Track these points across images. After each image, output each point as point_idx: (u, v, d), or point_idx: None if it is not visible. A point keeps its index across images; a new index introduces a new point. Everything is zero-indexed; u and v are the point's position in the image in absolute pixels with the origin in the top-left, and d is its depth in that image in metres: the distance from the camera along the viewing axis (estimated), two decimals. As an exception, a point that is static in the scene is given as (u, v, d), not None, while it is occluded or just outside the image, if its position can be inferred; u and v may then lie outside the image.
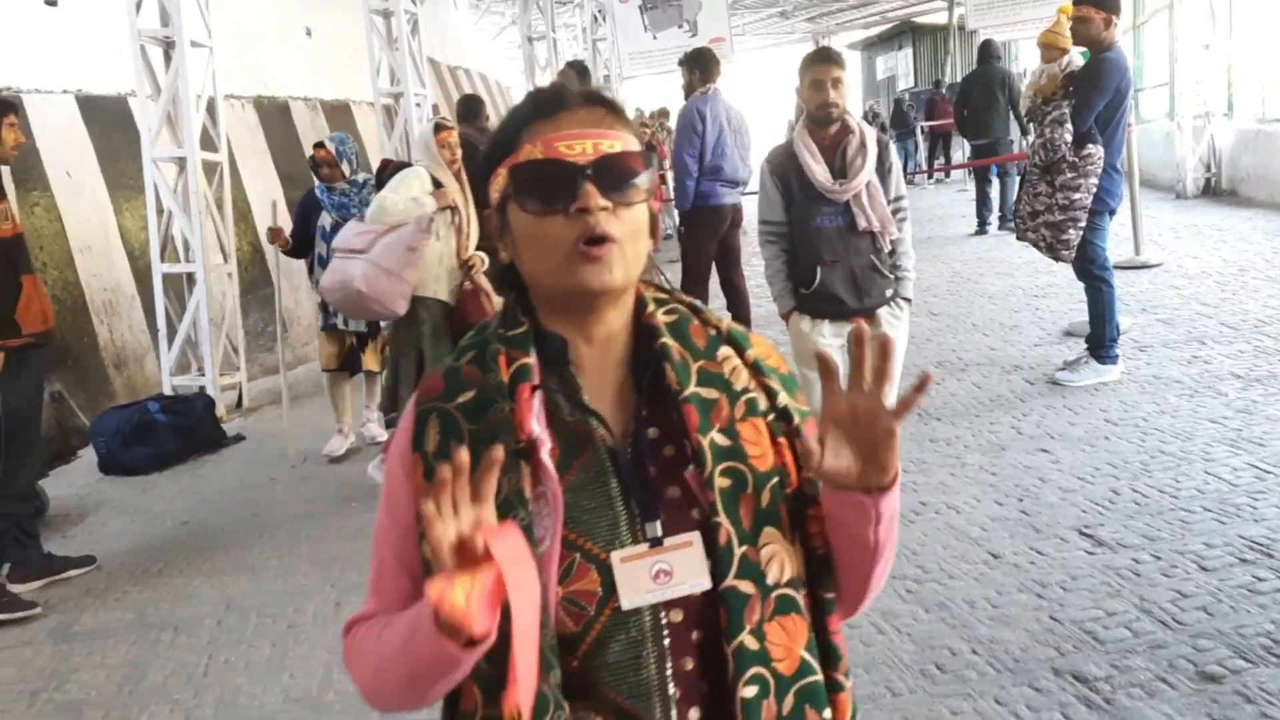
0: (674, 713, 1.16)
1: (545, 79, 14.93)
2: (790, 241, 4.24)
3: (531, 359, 1.20)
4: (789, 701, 1.18)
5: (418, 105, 9.66)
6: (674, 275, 7.32)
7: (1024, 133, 11.83)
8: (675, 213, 12.24)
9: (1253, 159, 11.70)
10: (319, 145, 6.22)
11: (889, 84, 28.13)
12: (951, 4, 23.42)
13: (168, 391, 7.24)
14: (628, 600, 1.12)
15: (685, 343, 1.24)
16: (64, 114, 7.93)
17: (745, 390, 1.24)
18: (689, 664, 1.17)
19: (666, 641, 1.16)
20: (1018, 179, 8.91)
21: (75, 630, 4.23)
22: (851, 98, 4.26)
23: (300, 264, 6.71)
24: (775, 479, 1.22)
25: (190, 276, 7.38)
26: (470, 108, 7.63)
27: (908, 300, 4.30)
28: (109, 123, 8.35)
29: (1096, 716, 2.92)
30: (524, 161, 1.18)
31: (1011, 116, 11.94)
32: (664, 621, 1.15)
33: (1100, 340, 5.93)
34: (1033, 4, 14.15)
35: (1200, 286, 7.87)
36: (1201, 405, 5.34)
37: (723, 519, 1.16)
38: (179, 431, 6.52)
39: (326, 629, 4.00)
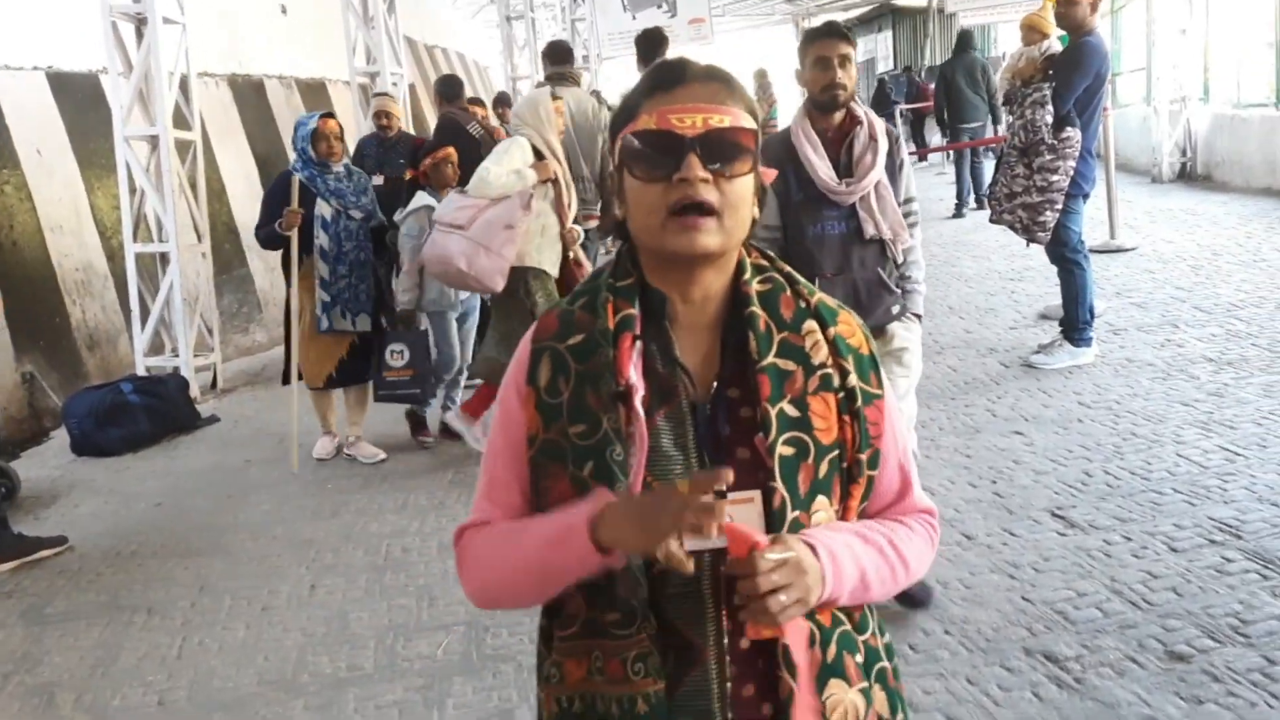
0: (725, 640, 1.28)
1: (523, 59, 14.86)
2: (783, 250, 3.44)
3: (635, 310, 1.31)
4: (831, 650, 1.31)
5: (394, 84, 9.59)
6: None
7: (996, 120, 11.90)
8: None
9: (1227, 144, 11.77)
10: (328, 115, 5.67)
11: (869, 66, 28.10)
12: (931, -13, 23.40)
13: (141, 372, 7.18)
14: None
15: (773, 313, 1.33)
16: (34, 91, 7.82)
17: (822, 365, 1.32)
18: (739, 600, 1.25)
19: (722, 582, 1.27)
20: (993, 161, 8.92)
21: (47, 612, 4.19)
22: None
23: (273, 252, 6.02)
24: (835, 452, 1.31)
25: (164, 256, 7.31)
26: (450, 87, 7.56)
27: (918, 317, 3.63)
28: (80, 100, 8.24)
29: (1067, 696, 2.95)
30: (638, 130, 1.28)
31: (987, 104, 12.05)
32: (721, 567, 1.25)
33: (1074, 323, 5.97)
34: (1012, -13, 14.17)
35: (1174, 270, 7.92)
36: (1174, 388, 5.38)
37: (779, 484, 1.26)
38: (152, 413, 6.48)
39: (301, 610, 3.99)
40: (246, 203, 9.65)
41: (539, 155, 5.02)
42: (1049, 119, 5.67)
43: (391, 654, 3.59)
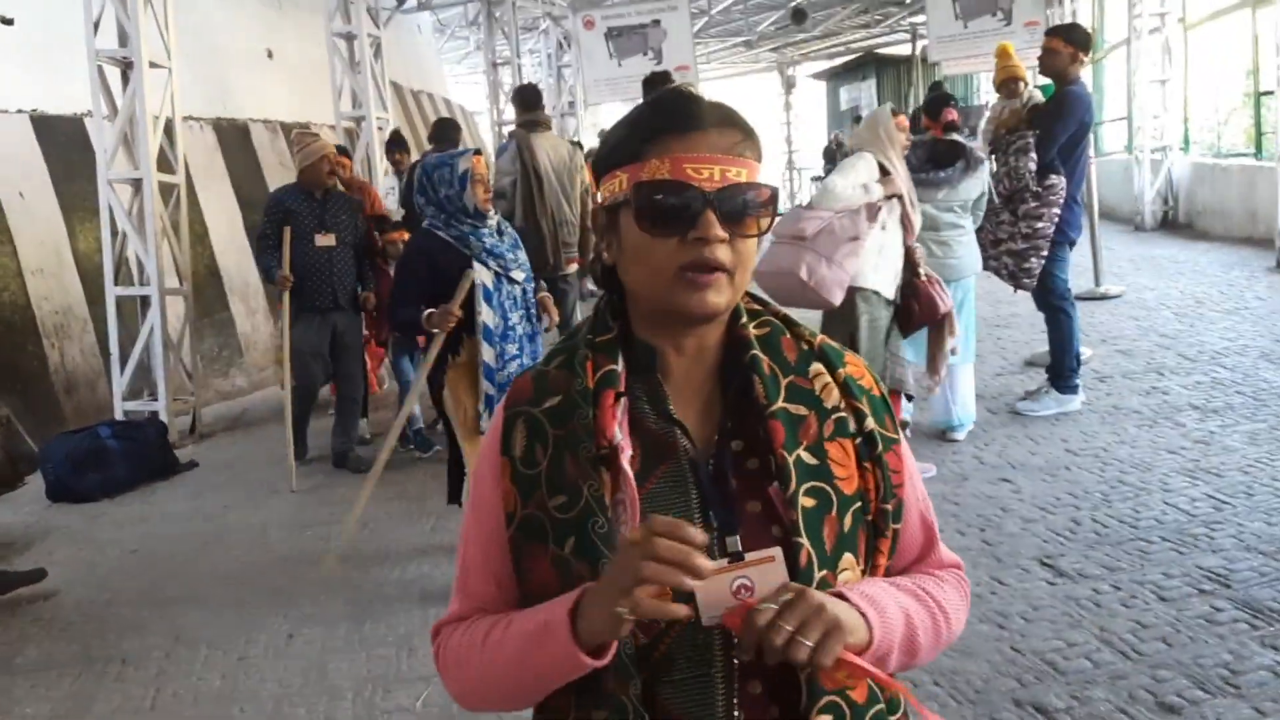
0: None
1: (510, 105, 14.90)
2: None
3: (618, 366, 1.20)
4: None
5: (380, 129, 9.61)
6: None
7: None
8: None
9: (1208, 193, 11.91)
10: (476, 152, 4.38)
11: (853, 114, 28.40)
12: (914, 37, 23.72)
13: (119, 416, 7.11)
14: (707, 616, 1.06)
15: (776, 357, 1.23)
16: (18, 134, 7.80)
17: (836, 409, 1.22)
18: (756, 688, 1.15)
19: (736, 662, 1.14)
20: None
21: (18, 662, 4.09)
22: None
23: (256, 285, 6.42)
24: (858, 503, 1.20)
25: (145, 300, 7.26)
26: (444, 131, 7.60)
27: None
28: (64, 143, 8.22)
29: (1058, 749, 2.90)
30: (650, 180, 1.16)
31: None
32: (735, 641, 1.10)
33: (1061, 370, 5.97)
34: (993, 38, 14.32)
35: (1158, 318, 7.96)
36: (1160, 436, 5.38)
37: (804, 540, 1.14)
38: (130, 458, 6.39)
39: (278, 660, 3.91)
40: (229, 246, 9.63)
41: (884, 172, 4.79)
42: (1033, 166, 5.70)
43: (370, 706, 3.52)
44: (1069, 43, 5.81)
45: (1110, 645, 3.41)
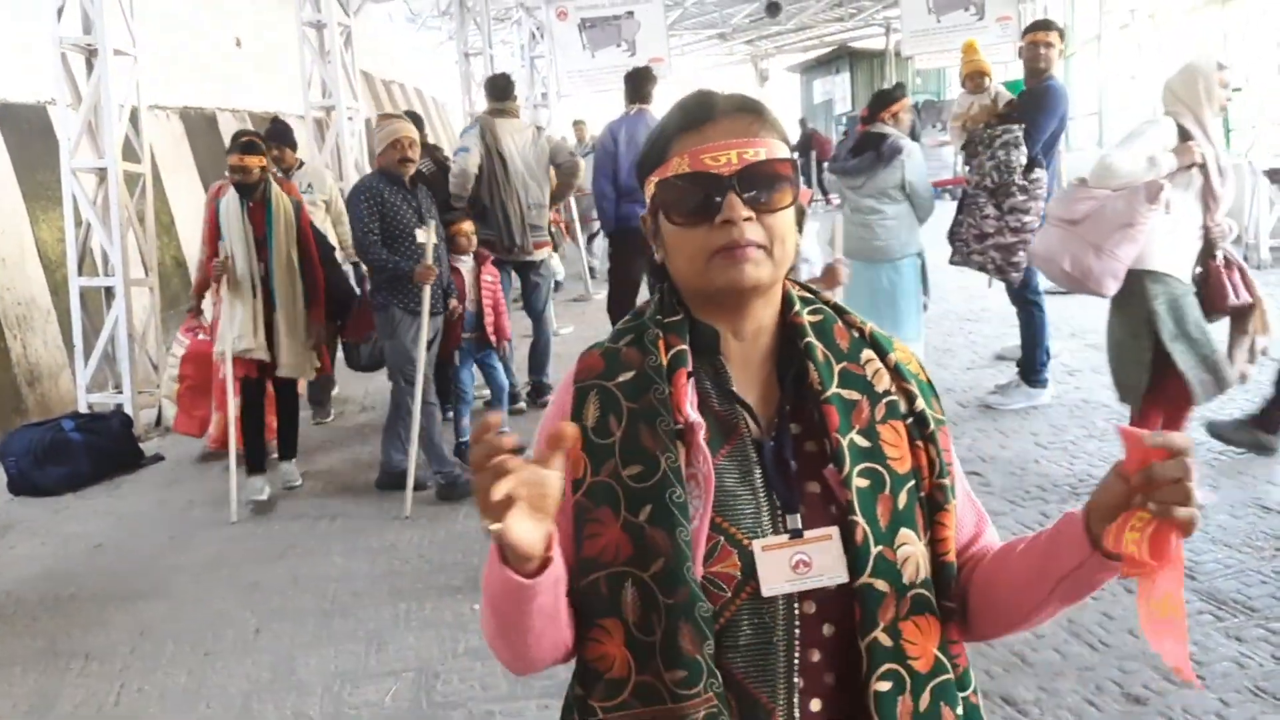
0: (796, 700, 1.20)
1: (481, 95, 14.83)
2: None
3: (687, 345, 1.26)
4: (925, 699, 1.21)
5: (350, 119, 9.53)
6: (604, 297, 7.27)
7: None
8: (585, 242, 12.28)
9: (1176, 187, 11.99)
10: None
11: (826, 107, 28.47)
12: (888, 30, 23.80)
13: (83, 409, 7.00)
14: (768, 587, 1.16)
15: (829, 343, 1.29)
16: (-20, 121, 7.68)
17: (887, 393, 1.27)
18: (815, 655, 1.20)
19: (797, 631, 1.20)
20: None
21: (-22, 659, 4.04)
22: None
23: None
24: (912, 481, 1.25)
25: (109, 290, 7.16)
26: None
27: None
28: (27, 131, 8.10)
29: (1026, 742, 2.91)
30: (670, 176, 1.24)
31: None
32: (796, 612, 1.19)
33: (1032, 364, 6.00)
34: (965, 33, 14.40)
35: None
36: (1127, 428, 5.41)
37: (859, 518, 1.19)
38: (94, 451, 6.30)
39: (245, 656, 3.87)
40: (196, 236, 9.48)
41: (1185, 136, 4.22)
42: (1024, 160, 5.70)
43: (338, 701, 3.49)
44: (1062, 36, 5.84)
45: (1078, 637, 3.44)
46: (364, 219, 5.31)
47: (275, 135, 6.79)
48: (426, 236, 5.25)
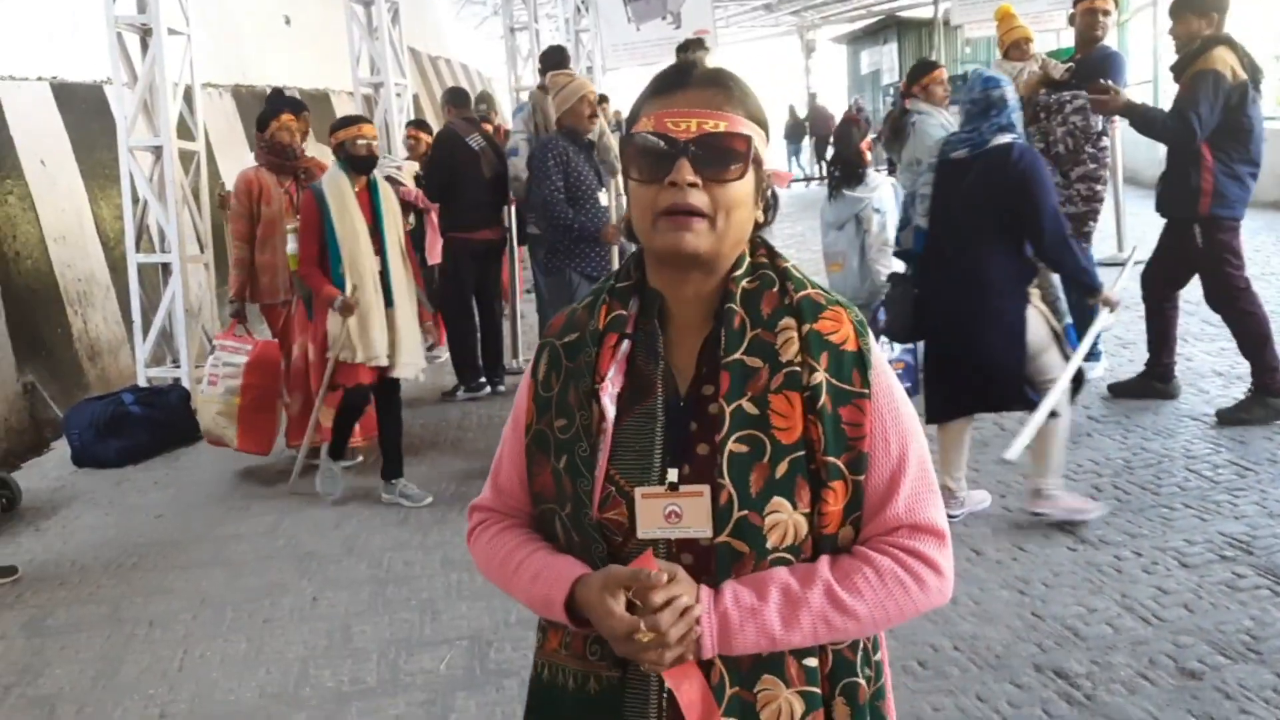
0: None
1: (527, 70, 14.83)
2: None
3: (627, 311, 1.37)
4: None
5: (398, 95, 9.58)
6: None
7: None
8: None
9: (1234, 156, 11.71)
10: None
11: (874, 78, 28.13)
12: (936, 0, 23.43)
13: (142, 383, 7.15)
14: (642, 531, 1.29)
15: (751, 310, 1.33)
16: (39, 101, 7.82)
17: (789, 363, 1.30)
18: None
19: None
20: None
21: (48, 624, 4.16)
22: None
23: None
24: (800, 453, 1.28)
25: (166, 267, 7.28)
26: (457, 97, 7.59)
27: None
28: (84, 111, 8.24)
29: (1078, 713, 2.91)
30: (634, 133, 1.32)
31: None
32: (676, 562, 1.28)
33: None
34: (1015, 1, 14.20)
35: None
36: (1183, 402, 5.34)
37: (726, 481, 1.26)
38: (153, 424, 6.44)
39: (303, 623, 3.96)
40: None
41: None
42: (1098, 126, 5.59)
43: (394, 668, 3.56)
44: (1117, 3, 5.60)
45: (1131, 611, 3.42)
46: (551, 177, 5.14)
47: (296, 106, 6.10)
48: (608, 198, 5.16)
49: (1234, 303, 5.11)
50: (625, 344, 1.35)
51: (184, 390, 6.92)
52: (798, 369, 1.29)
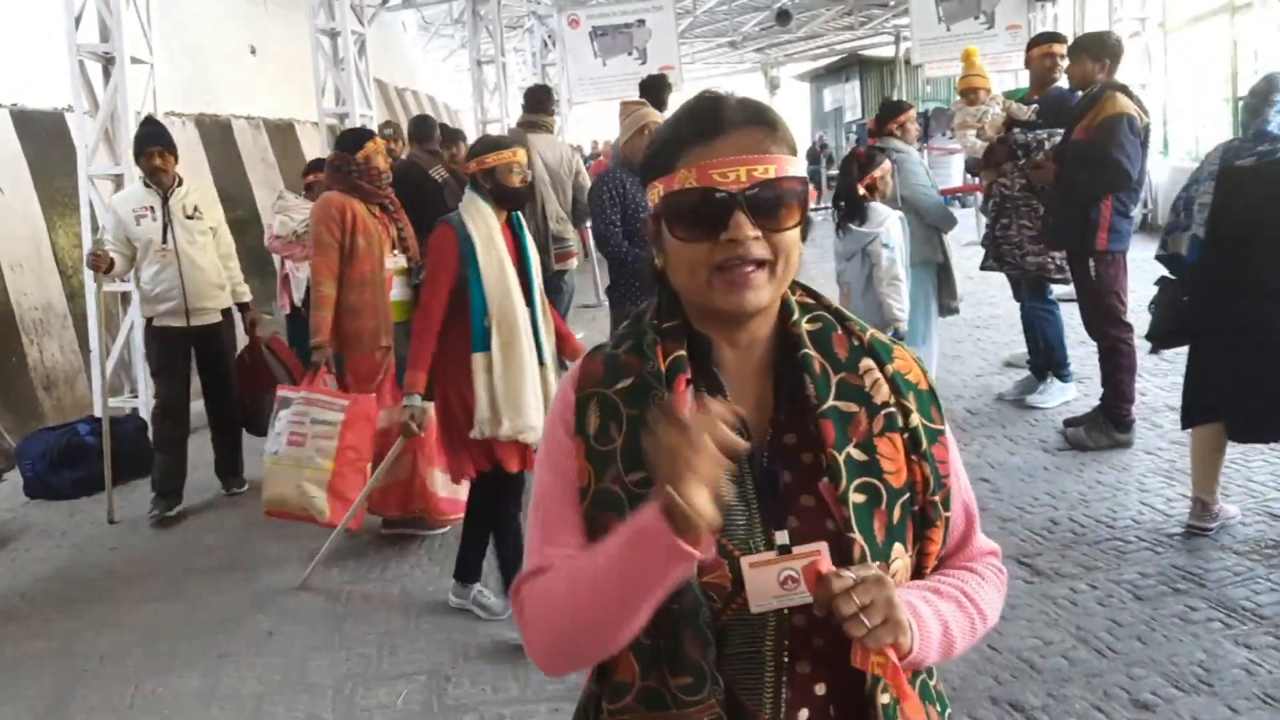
0: (784, 710, 1.20)
1: (494, 103, 14.90)
2: None
3: (685, 352, 1.24)
4: (914, 703, 1.23)
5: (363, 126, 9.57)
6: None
7: (973, 173, 12.11)
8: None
9: (1186, 196, 11.97)
10: None
11: (836, 115, 28.51)
12: (898, 39, 23.83)
13: (98, 413, 7.05)
14: (755, 604, 1.15)
15: (827, 353, 1.27)
16: (-2, 128, 7.75)
17: (885, 405, 1.25)
18: (805, 667, 1.21)
19: (786, 643, 1.20)
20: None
21: (-6, 660, 4.08)
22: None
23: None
24: (906, 495, 1.24)
25: (125, 296, 7.21)
26: (420, 128, 7.57)
27: None
28: (44, 138, 8.17)
29: (1034, 747, 2.92)
30: (677, 189, 1.21)
31: None
32: (787, 625, 1.19)
33: (1060, 360, 6.10)
34: (975, 41, 14.46)
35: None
36: (1138, 436, 5.42)
37: (857, 535, 1.19)
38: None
39: (258, 658, 3.90)
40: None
41: None
42: None
43: (350, 703, 3.52)
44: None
45: (1086, 644, 3.45)
46: (605, 210, 5.02)
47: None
48: None
49: (1112, 332, 5.40)
50: (690, 389, 1.22)
51: (141, 420, 6.83)
52: (893, 410, 1.25)
